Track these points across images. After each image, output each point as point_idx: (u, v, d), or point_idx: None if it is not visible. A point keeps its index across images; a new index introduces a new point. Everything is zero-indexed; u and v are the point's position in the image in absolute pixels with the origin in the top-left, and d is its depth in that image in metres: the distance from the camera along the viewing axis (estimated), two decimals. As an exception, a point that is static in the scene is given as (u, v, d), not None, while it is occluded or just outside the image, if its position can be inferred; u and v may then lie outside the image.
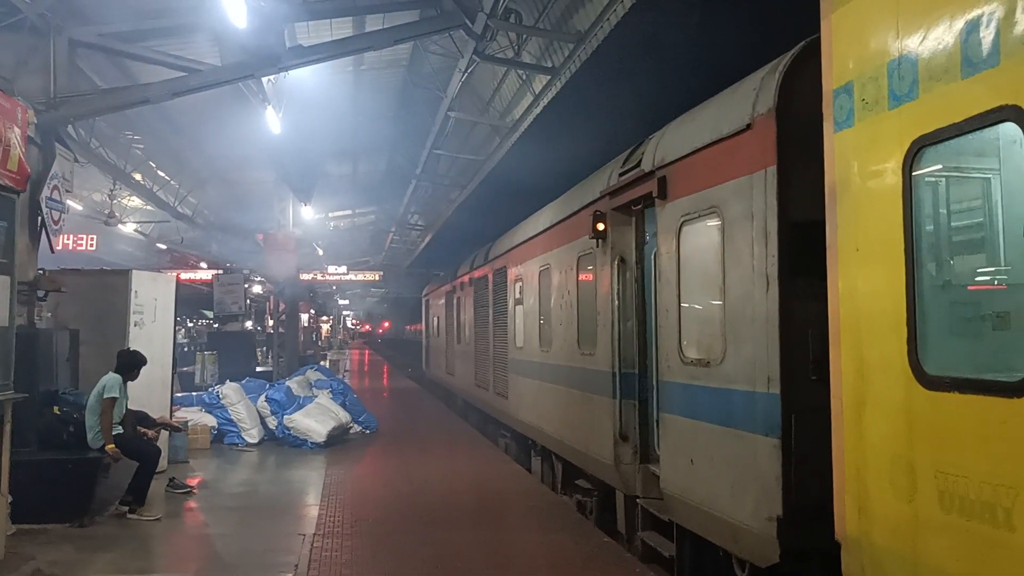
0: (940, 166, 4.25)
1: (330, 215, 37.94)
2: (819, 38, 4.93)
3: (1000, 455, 3.50)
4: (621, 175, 8.48)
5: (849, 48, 4.61)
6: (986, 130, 3.75)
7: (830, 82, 4.74)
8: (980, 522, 3.57)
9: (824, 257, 4.77)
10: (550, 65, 15.48)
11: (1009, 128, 3.56)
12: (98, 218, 23.21)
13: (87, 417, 9.51)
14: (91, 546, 8.31)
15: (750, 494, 5.71)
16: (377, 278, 42.29)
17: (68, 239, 22.94)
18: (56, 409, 9.68)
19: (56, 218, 10.71)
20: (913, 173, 4.06)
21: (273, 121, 15.77)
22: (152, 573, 8.02)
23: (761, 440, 5.58)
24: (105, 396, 9.45)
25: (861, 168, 4.47)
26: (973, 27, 3.67)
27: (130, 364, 9.93)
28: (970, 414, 3.68)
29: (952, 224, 4.58)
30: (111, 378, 9.63)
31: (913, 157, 4.04)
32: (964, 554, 3.69)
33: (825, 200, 4.77)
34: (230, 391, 15.79)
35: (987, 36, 3.58)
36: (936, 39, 3.90)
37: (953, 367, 4.04)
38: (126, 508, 9.50)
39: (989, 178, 4.43)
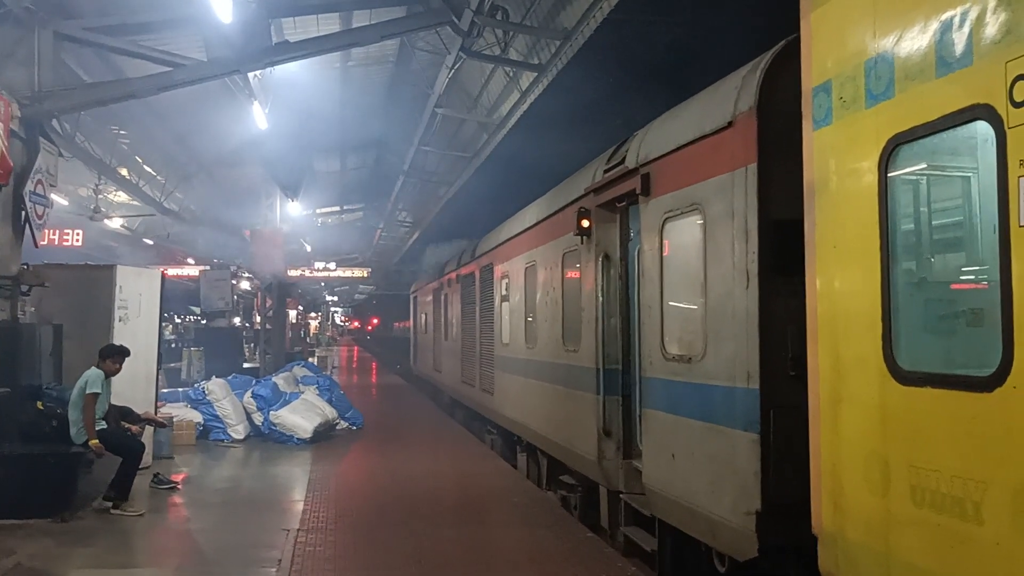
0: (916, 164, 4.30)
1: (318, 211, 37.83)
2: (799, 37, 4.97)
3: (971, 449, 3.54)
4: (606, 172, 8.50)
5: (828, 47, 4.65)
6: (963, 129, 3.79)
7: (809, 81, 4.78)
8: (950, 516, 3.61)
9: (803, 254, 4.81)
10: (537, 62, 15.48)
11: (982, 127, 3.60)
12: (84, 213, 23.07)
13: (70, 412, 9.47)
14: (72, 541, 8.30)
15: (729, 489, 5.75)
16: (365, 275, 42.24)
17: (54, 234, 22.78)
18: (39, 404, 9.65)
19: (40, 213, 10.66)
20: (889, 171, 4.11)
21: (259, 117, 15.74)
22: (134, 568, 8.01)
23: (740, 435, 5.62)
24: (87, 391, 9.42)
25: (839, 166, 4.51)
26: (947, 27, 3.71)
27: (112, 358, 9.88)
28: (943, 409, 3.73)
29: (927, 222, 4.63)
30: (93, 373, 9.58)
31: (889, 155, 4.09)
32: (934, 548, 3.73)
33: (804, 198, 4.81)
34: (216, 387, 15.74)
35: (960, 36, 3.63)
36: (912, 39, 3.94)
37: (927, 363, 4.08)
38: (109, 503, 9.46)
39: (969, 176, 4.47)
